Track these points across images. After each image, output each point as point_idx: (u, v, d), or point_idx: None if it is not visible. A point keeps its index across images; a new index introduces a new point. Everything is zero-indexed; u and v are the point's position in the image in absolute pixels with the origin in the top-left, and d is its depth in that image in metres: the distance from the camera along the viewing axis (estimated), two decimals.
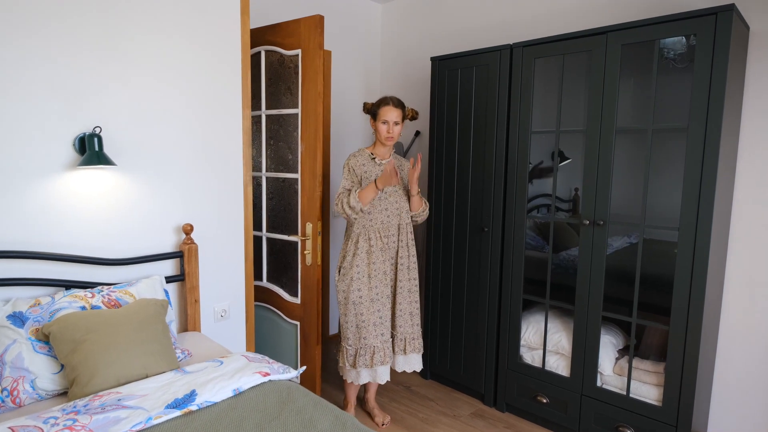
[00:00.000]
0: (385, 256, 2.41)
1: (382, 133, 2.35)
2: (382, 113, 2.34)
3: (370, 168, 2.40)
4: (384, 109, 2.34)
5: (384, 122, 2.34)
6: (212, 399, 1.45)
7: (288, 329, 2.67)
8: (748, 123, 2.19)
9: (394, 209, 2.42)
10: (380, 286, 2.39)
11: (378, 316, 2.38)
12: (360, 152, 2.45)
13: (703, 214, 1.93)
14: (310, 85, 2.47)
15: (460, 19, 3.23)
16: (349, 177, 2.40)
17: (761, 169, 2.16)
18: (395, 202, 2.42)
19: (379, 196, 2.37)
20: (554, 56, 2.33)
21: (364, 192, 2.29)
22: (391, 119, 2.33)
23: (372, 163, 2.41)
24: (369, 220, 2.38)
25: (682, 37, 2.08)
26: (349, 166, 2.40)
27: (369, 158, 2.42)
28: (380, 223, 2.39)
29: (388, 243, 2.41)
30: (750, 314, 2.21)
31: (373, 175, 2.39)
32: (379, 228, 2.39)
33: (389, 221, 2.41)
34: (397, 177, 2.25)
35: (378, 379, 2.41)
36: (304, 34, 2.47)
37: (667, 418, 2.07)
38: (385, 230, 2.41)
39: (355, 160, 2.40)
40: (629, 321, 2.19)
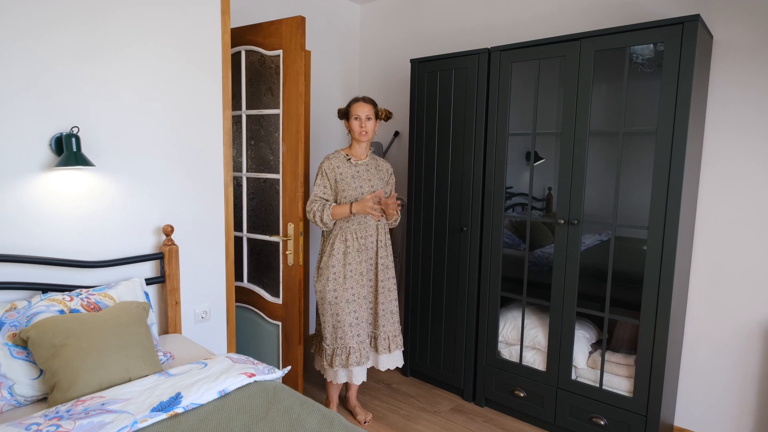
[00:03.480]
0: (361, 257, 2.41)
1: (355, 129, 2.37)
2: (353, 110, 2.37)
3: (345, 169, 2.39)
4: (354, 105, 2.37)
5: (356, 118, 2.36)
6: (198, 401, 1.46)
7: (270, 330, 2.67)
8: (711, 126, 2.30)
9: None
10: (356, 287, 2.39)
11: (354, 317, 2.38)
12: (335, 154, 2.44)
13: (670, 213, 2.03)
14: (292, 86, 2.47)
15: (440, 22, 3.28)
16: (322, 182, 2.39)
17: (724, 170, 2.28)
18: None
19: (354, 197, 2.37)
20: (531, 61, 2.40)
21: (338, 210, 2.32)
22: (363, 114, 2.35)
23: (347, 164, 2.40)
24: (346, 222, 2.38)
25: (652, 44, 2.17)
26: (322, 169, 2.39)
27: (344, 159, 2.40)
28: (357, 224, 2.39)
29: (365, 244, 2.41)
30: (714, 308, 2.34)
31: (348, 176, 2.38)
32: (356, 229, 2.39)
33: (366, 222, 2.41)
34: (377, 212, 2.28)
35: (353, 380, 2.43)
36: (285, 35, 2.47)
37: (637, 409, 2.17)
38: (362, 231, 2.40)
39: (329, 162, 2.39)
40: (602, 316, 2.29)
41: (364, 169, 2.42)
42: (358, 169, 2.41)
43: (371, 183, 2.42)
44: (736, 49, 2.21)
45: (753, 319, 2.24)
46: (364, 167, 2.43)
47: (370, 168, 2.45)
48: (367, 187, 2.41)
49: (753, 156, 2.21)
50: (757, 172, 2.20)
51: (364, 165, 2.44)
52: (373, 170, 2.46)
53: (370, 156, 2.48)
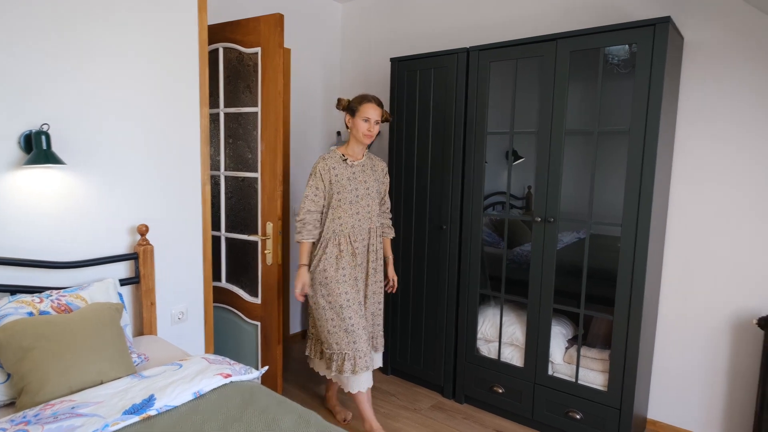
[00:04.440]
0: (355, 262, 2.32)
1: (362, 130, 2.26)
2: (364, 110, 2.26)
3: (341, 170, 2.29)
4: (367, 105, 2.27)
5: (365, 119, 2.26)
6: (172, 403, 1.44)
7: (248, 330, 2.64)
8: (682, 125, 2.36)
9: (365, 213, 2.34)
10: (351, 292, 2.29)
11: (350, 323, 2.28)
12: (330, 154, 2.33)
13: (642, 211, 2.07)
14: (270, 84, 2.45)
15: (421, 22, 3.29)
16: (314, 185, 2.28)
17: (694, 168, 2.34)
18: (366, 205, 2.34)
19: (349, 200, 2.29)
20: (508, 60, 2.43)
21: (303, 249, 2.30)
22: (373, 117, 2.26)
23: (343, 165, 2.30)
24: (339, 225, 2.28)
25: (626, 44, 2.21)
26: (317, 171, 2.28)
27: (340, 160, 2.31)
28: (350, 227, 2.30)
29: (359, 248, 2.32)
30: (685, 303, 2.39)
31: (343, 178, 2.28)
32: (349, 233, 2.30)
33: (360, 225, 2.33)
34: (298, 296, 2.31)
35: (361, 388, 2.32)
36: (263, 33, 2.45)
37: (611, 402, 2.21)
38: (356, 235, 2.32)
39: (324, 164, 2.29)
40: (578, 312, 2.32)
41: (360, 170, 2.34)
42: (354, 171, 2.32)
43: (367, 185, 2.35)
44: (705, 50, 2.27)
45: (722, 314, 2.30)
46: (360, 168, 2.34)
47: (366, 169, 2.37)
48: (363, 189, 2.33)
49: (723, 154, 2.27)
50: (726, 170, 2.26)
51: (360, 166, 2.34)
52: (369, 171, 2.38)
53: (366, 155, 2.40)
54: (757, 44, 2.15)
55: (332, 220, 2.29)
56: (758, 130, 2.18)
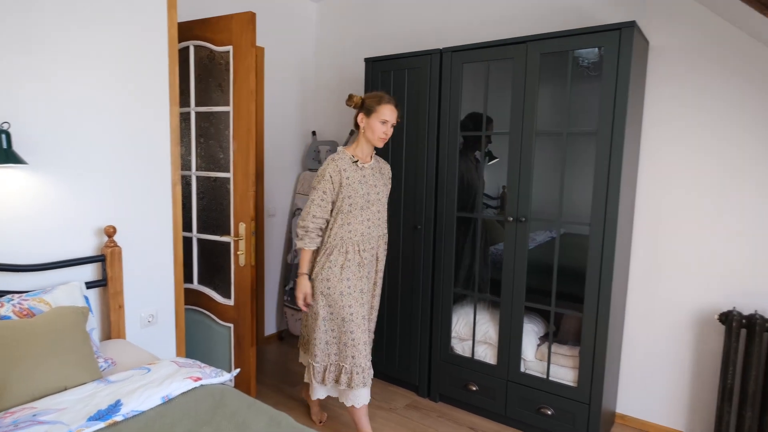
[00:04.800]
0: (361, 273, 2.18)
1: (377, 132, 2.12)
2: (383, 111, 2.11)
3: (352, 173, 2.13)
4: (386, 107, 2.12)
5: (383, 121, 2.12)
6: (139, 408, 1.41)
7: (221, 332, 2.61)
8: (648, 126, 2.43)
9: (376, 219, 2.20)
10: (355, 305, 2.16)
11: (351, 337, 2.15)
12: (340, 155, 2.16)
13: (610, 211, 2.13)
14: (243, 83, 2.42)
15: (394, 22, 3.30)
16: (323, 187, 2.11)
17: (660, 168, 2.41)
18: (377, 211, 2.21)
19: (360, 205, 2.14)
20: (481, 62, 2.46)
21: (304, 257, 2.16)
22: (391, 119, 2.13)
23: (353, 167, 2.15)
24: (348, 232, 2.13)
25: (594, 48, 2.26)
26: (327, 174, 2.10)
27: (350, 162, 2.15)
28: (360, 235, 2.15)
29: (366, 257, 2.18)
30: (652, 300, 2.47)
31: (355, 181, 2.13)
32: (358, 241, 2.15)
33: (370, 233, 2.18)
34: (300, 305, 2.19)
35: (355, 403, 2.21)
36: (235, 31, 2.42)
37: (581, 397, 2.26)
38: (365, 243, 2.17)
39: (335, 165, 2.12)
40: (549, 310, 2.37)
41: (370, 173, 2.20)
42: (365, 173, 2.17)
43: (377, 189, 2.21)
44: (670, 54, 2.34)
45: (686, 310, 2.38)
46: (370, 171, 2.21)
47: (375, 172, 2.23)
48: (373, 194, 2.19)
49: (686, 155, 2.34)
50: (690, 171, 2.34)
51: (370, 168, 2.21)
52: (378, 174, 2.24)
53: (374, 158, 2.28)
54: (717, 49, 2.23)
55: (341, 226, 2.14)
56: (719, 133, 2.26)
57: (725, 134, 2.25)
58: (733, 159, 2.24)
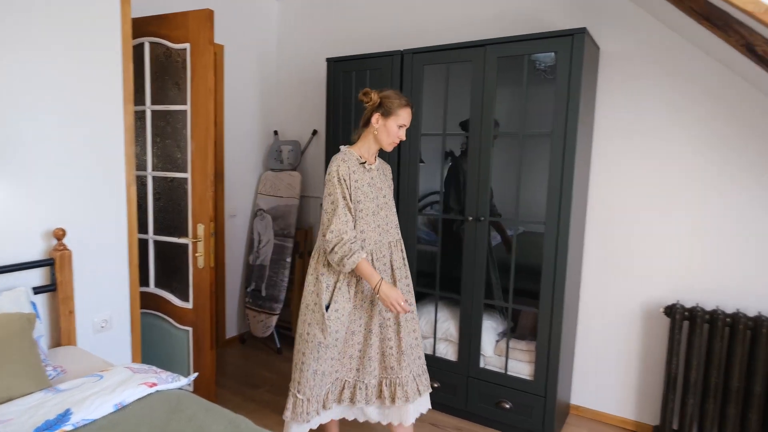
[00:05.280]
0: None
1: (392, 136, 1.93)
2: (403, 114, 1.92)
3: (361, 176, 1.93)
4: (406, 110, 1.93)
5: (401, 126, 1.93)
6: (90, 416, 1.37)
7: (179, 336, 2.55)
8: (600, 129, 2.53)
9: (385, 225, 2.00)
10: (364, 317, 1.98)
11: (357, 349, 1.99)
12: (348, 154, 1.94)
13: (563, 209, 2.21)
14: (200, 81, 2.38)
15: (357, 23, 3.30)
16: (341, 191, 1.86)
17: (610, 169, 2.52)
18: (386, 216, 2.00)
19: (372, 210, 1.93)
20: (441, 64, 2.50)
21: (365, 269, 1.84)
22: (408, 124, 1.96)
23: (362, 169, 1.94)
24: (362, 240, 1.92)
25: (548, 52, 2.34)
26: (340, 176, 1.87)
27: (357, 163, 1.94)
28: (374, 243, 1.94)
29: (378, 267, 1.96)
30: (603, 295, 2.58)
31: (364, 184, 1.92)
32: (372, 249, 1.94)
33: (381, 240, 1.97)
34: (397, 310, 1.86)
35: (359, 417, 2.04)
36: (192, 28, 2.37)
37: (537, 390, 2.34)
38: (378, 251, 1.96)
39: (345, 166, 1.89)
40: (507, 306, 2.44)
41: (377, 176, 2.00)
42: (372, 176, 1.97)
43: (383, 193, 2.01)
44: (619, 59, 2.45)
45: (634, 303, 2.50)
46: (376, 173, 2.01)
47: (380, 174, 2.04)
48: (382, 198, 1.99)
49: (635, 155, 2.46)
50: (639, 171, 2.45)
51: (376, 170, 2.02)
52: (383, 176, 2.06)
53: (378, 159, 2.08)
54: (662, 55, 2.35)
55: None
56: (665, 135, 2.38)
57: (671, 137, 2.37)
58: (678, 161, 2.36)
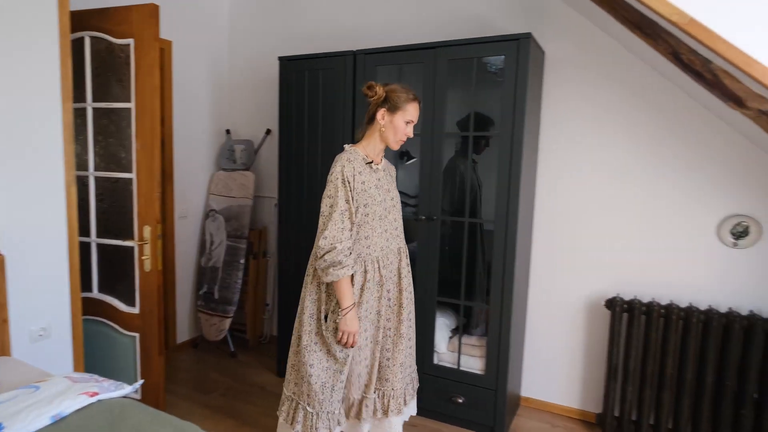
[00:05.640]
0: (380, 293, 1.86)
1: (400, 134, 1.81)
2: (411, 110, 1.81)
3: (368, 177, 1.79)
4: (414, 105, 1.82)
5: (409, 122, 1.81)
6: (25, 430, 1.30)
7: (125, 342, 2.46)
8: (545, 130, 2.64)
9: (393, 230, 1.89)
10: (371, 329, 1.87)
11: (365, 365, 1.87)
12: (354, 153, 1.81)
13: (511, 208, 2.28)
14: (146, 78, 2.30)
15: (310, 21, 3.28)
16: (344, 194, 1.72)
17: (556, 168, 2.63)
18: (394, 220, 1.89)
19: (379, 214, 1.82)
20: (393, 65, 2.52)
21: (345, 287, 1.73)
22: (416, 120, 1.84)
23: (368, 169, 1.81)
24: (367, 246, 1.81)
25: (496, 56, 2.41)
26: (345, 177, 1.73)
27: (363, 162, 1.81)
28: (380, 249, 1.83)
29: (386, 275, 1.85)
30: (550, 289, 2.68)
31: (371, 186, 1.79)
32: (378, 256, 1.83)
33: (389, 246, 1.86)
34: (344, 344, 1.78)
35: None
36: (136, 23, 2.29)
37: (488, 384, 2.41)
38: (385, 258, 1.85)
39: (351, 167, 1.75)
40: (459, 303, 2.49)
41: (383, 176, 1.89)
42: (379, 176, 1.85)
43: (391, 195, 1.90)
44: (562, 63, 2.56)
45: (579, 297, 2.62)
46: (383, 174, 1.89)
47: (387, 174, 1.93)
48: (389, 201, 1.87)
49: (579, 155, 2.57)
50: (583, 169, 2.57)
51: (382, 171, 1.89)
52: (389, 177, 1.94)
53: (384, 159, 1.96)
54: (602, 61, 2.47)
55: (358, 240, 1.80)
56: (604, 136, 2.51)
57: (610, 138, 2.50)
58: (617, 161, 2.49)
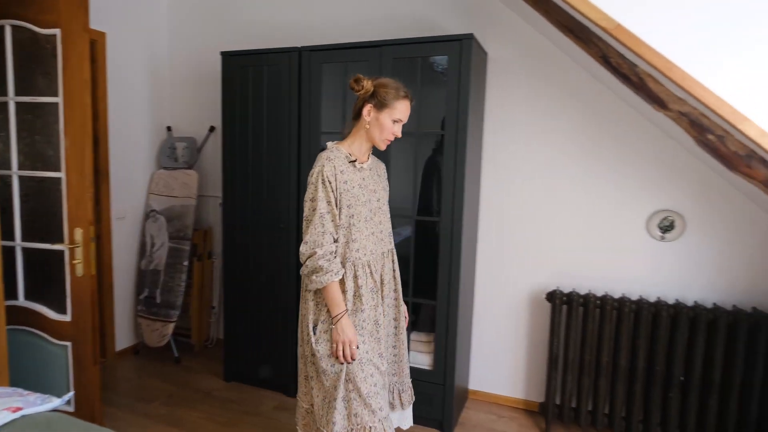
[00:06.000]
0: (376, 300, 1.74)
1: (386, 132, 1.69)
2: (400, 107, 1.68)
3: (351, 176, 1.68)
4: (404, 103, 1.69)
5: (396, 121, 1.70)
6: None
7: (56, 352, 2.30)
8: (488, 129, 2.71)
9: (379, 232, 1.78)
10: (369, 342, 1.71)
11: (372, 383, 1.68)
12: (335, 151, 1.69)
13: (456, 206, 2.33)
14: (75, 72, 2.16)
15: (254, 16, 3.21)
16: (325, 195, 1.62)
17: (499, 166, 2.70)
18: (380, 222, 1.79)
19: (365, 216, 1.71)
20: (339, 63, 2.51)
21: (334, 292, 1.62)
22: (405, 119, 1.72)
23: (351, 168, 1.69)
24: (356, 250, 1.68)
25: (439, 56, 2.44)
26: (325, 177, 1.62)
27: (346, 161, 1.69)
28: (370, 252, 1.72)
29: (380, 279, 1.77)
30: (495, 284, 2.76)
31: (355, 185, 1.68)
32: (369, 260, 1.72)
33: (376, 249, 1.76)
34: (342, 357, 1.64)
35: None
36: (64, 12, 2.15)
37: (437, 379, 2.45)
38: (375, 263, 1.75)
39: (331, 166, 1.64)
40: (407, 300, 2.52)
41: (368, 175, 1.76)
42: (364, 176, 1.74)
43: (377, 195, 1.79)
44: (504, 64, 2.63)
45: (522, 291, 2.71)
46: (368, 173, 1.77)
47: (374, 174, 1.81)
48: (375, 202, 1.76)
49: (521, 153, 2.66)
50: (525, 167, 2.66)
51: (368, 170, 1.77)
52: (376, 177, 1.82)
53: (371, 157, 1.83)
54: (540, 62, 2.57)
55: (345, 245, 1.68)
56: (544, 136, 2.61)
57: (548, 138, 2.60)
58: (556, 159, 2.60)
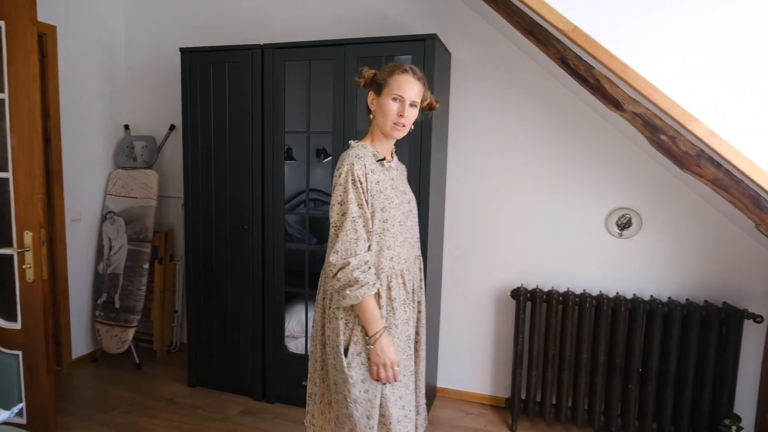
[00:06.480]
0: (408, 313, 1.57)
1: (390, 115, 1.46)
2: (396, 83, 1.45)
3: (381, 176, 1.50)
4: (401, 78, 1.46)
5: (395, 98, 1.46)
6: None
7: (6, 362, 2.19)
8: (453, 129, 2.73)
9: (411, 237, 1.63)
10: (402, 358, 1.54)
11: (401, 406, 1.53)
12: (362, 148, 1.50)
13: (422, 205, 2.33)
14: (21, 66, 2.06)
15: (215, 11, 3.13)
16: (356, 197, 1.43)
17: (464, 166, 2.73)
18: (411, 227, 1.63)
19: (399, 220, 1.53)
20: (302, 61, 2.47)
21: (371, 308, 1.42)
22: (409, 96, 1.46)
23: (380, 167, 1.51)
24: (390, 259, 1.50)
25: (409, 55, 2.44)
26: (355, 176, 1.43)
27: (374, 159, 1.51)
28: (404, 260, 1.55)
29: (409, 291, 1.59)
30: (462, 283, 2.79)
31: (387, 186, 1.50)
32: (402, 269, 1.55)
33: (409, 255, 1.59)
34: (385, 377, 1.46)
35: None
36: (8, 4, 2.04)
37: None
38: (408, 272, 1.58)
39: (361, 164, 1.45)
40: None
41: (397, 175, 1.60)
42: (393, 176, 1.56)
43: (407, 197, 1.63)
44: (467, 64, 2.66)
45: (488, 289, 2.74)
46: (396, 173, 1.60)
47: (401, 174, 1.66)
48: (406, 204, 1.59)
49: (485, 153, 2.69)
50: (488, 167, 2.69)
51: (396, 169, 1.61)
52: (403, 177, 1.68)
53: (395, 156, 1.68)
54: (502, 63, 2.60)
55: (378, 252, 1.49)
56: (506, 136, 2.64)
57: (511, 138, 2.64)
58: (518, 158, 2.64)
